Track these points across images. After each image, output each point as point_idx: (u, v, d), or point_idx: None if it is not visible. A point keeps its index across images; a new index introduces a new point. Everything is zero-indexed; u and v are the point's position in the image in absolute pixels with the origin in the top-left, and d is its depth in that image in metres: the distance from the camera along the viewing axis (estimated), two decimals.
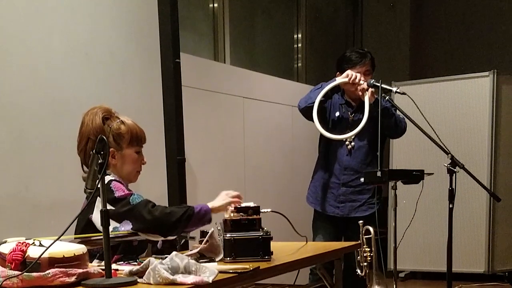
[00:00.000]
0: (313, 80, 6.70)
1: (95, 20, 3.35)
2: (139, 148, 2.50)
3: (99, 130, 2.37)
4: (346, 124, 3.91)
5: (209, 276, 1.73)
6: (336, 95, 3.97)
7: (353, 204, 3.95)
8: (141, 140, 2.50)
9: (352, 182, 3.94)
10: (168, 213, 2.30)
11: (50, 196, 2.97)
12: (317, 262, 2.68)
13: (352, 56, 3.91)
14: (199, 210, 2.34)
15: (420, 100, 4.13)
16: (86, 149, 2.41)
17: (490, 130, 5.74)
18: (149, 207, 2.30)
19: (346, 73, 3.79)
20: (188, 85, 4.15)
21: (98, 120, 2.40)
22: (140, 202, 2.30)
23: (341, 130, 3.86)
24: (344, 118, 3.94)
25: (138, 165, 2.51)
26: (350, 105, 3.96)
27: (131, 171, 2.49)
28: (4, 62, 2.85)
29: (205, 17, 5.43)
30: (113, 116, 2.46)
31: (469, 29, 7.59)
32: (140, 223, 2.27)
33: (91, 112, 2.44)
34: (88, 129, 2.40)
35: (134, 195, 2.33)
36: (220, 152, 4.75)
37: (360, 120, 3.70)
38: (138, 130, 2.48)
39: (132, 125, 2.46)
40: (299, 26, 6.89)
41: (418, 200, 3.79)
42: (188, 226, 2.34)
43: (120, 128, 2.43)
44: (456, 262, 3.83)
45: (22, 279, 1.66)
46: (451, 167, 3.42)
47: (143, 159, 2.52)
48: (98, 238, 2.13)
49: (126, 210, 2.27)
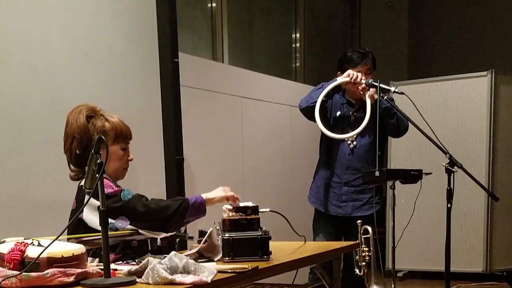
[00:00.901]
0: (311, 80, 6.71)
1: (95, 20, 3.36)
2: (125, 145, 2.50)
3: (84, 129, 2.39)
4: (348, 124, 3.91)
5: (208, 276, 1.73)
6: (337, 95, 3.97)
7: (355, 203, 3.95)
8: (126, 137, 2.50)
9: (354, 181, 3.94)
10: (164, 206, 2.32)
11: (49, 196, 2.97)
12: (316, 262, 2.69)
13: (353, 55, 3.91)
14: (194, 201, 2.36)
15: (418, 100, 4.14)
16: (71, 148, 2.43)
17: (488, 129, 5.74)
18: (143, 201, 2.32)
19: (347, 72, 3.80)
20: (186, 85, 4.15)
21: (82, 119, 2.41)
22: (133, 197, 2.32)
23: (342, 129, 3.87)
24: (345, 117, 3.94)
25: (124, 162, 2.51)
26: (351, 105, 3.96)
27: (117, 168, 2.49)
28: (4, 62, 2.85)
29: (203, 17, 5.43)
30: (98, 114, 2.46)
31: (468, 29, 7.60)
32: (136, 217, 2.28)
33: (75, 111, 2.44)
34: (72, 128, 2.41)
35: (125, 191, 2.34)
36: (218, 151, 4.75)
37: (362, 119, 3.71)
38: (123, 127, 2.48)
39: (117, 122, 2.46)
40: (297, 26, 6.90)
41: (416, 200, 3.79)
42: (185, 218, 2.35)
43: (104, 126, 2.42)
44: (454, 261, 3.83)
45: (20, 279, 1.66)
46: (449, 167, 3.42)
47: (129, 156, 2.52)
48: (97, 238, 2.13)
49: (119, 206, 2.28)
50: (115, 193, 2.31)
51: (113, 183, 2.42)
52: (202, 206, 2.38)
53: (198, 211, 2.38)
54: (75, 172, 2.48)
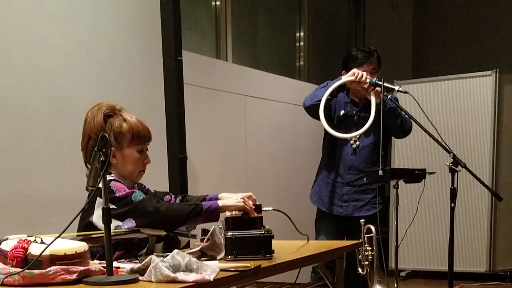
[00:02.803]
0: (315, 78, 6.69)
1: (97, 18, 3.35)
2: (142, 147, 2.42)
3: (100, 129, 2.31)
4: (351, 123, 3.90)
5: (210, 274, 1.73)
6: (341, 94, 3.96)
7: (356, 203, 3.94)
8: (144, 139, 2.41)
9: (356, 181, 3.93)
10: (176, 209, 2.29)
11: (51, 194, 2.97)
12: (318, 261, 2.69)
13: (358, 54, 3.90)
14: (207, 207, 2.31)
15: (422, 99, 4.13)
16: (87, 147, 2.36)
17: (492, 129, 5.73)
18: (154, 202, 2.28)
19: (352, 71, 3.79)
20: (190, 83, 4.15)
21: (99, 118, 2.35)
22: (144, 199, 2.28)
23: (346, 128, 3.86)
24: (349, 116, 3.93)
25: (140, 164, 2.42)
26: (355, 104, 3.95)
27: (133, 171, 2.41)
28: (5, 60, 2.85)
29: (207, 15, 5.43)
30: (117, 113, 2.39)
31: (472, 28, 7.58)
32: (144, 218, 2.23)
33: (95, 108, 2.38)
34: (89, 127, 2.35)
35: (136, 192, 2.29)
36: (221, 150, 4.74)
37: (366, 119, 3.70)
38: (141, 129, 2.39)
39: (134, 123, 2.38)
40: (301, 24, 6.88)
41: (420, 199, 3.79)
42: (195, 223, 2.34)
43: (121, 127, 2.35)
44: (457, 261, 3.82)
45: (23, 276, 1.66)
46: (453, 166, 3.42)
47: (146, 158, 2.44)
48: (100, 236, 2.12)
49: (129, 208, 2.24)
50: (126, 195, 2.26)
51: (128, 185, 2.37)
52: (215, 212, 2.32)
53: (210, 217, 2.32)
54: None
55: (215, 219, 2.34)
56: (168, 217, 2.26)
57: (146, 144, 2.45)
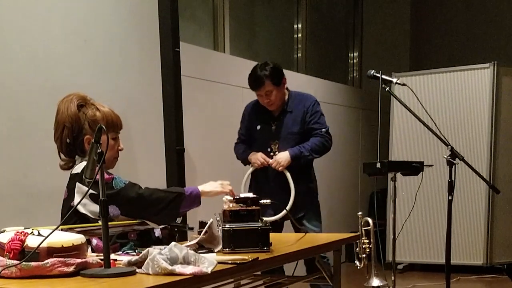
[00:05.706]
0: (312, 70, 6.69)
1: (95, 7, 3.34)
2: (115, 135, 2.48)
3: (75, 118, 2.37)
4: (269, 134, 3.95)
5: (208, 266, 1.73)
6: (254, 108, 4.01)
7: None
8: (116, 126, 2.48)
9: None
10: (158, 197, 2.32)
11: (49, 185, 2.95)
12: (315, 253, 2.68)
13: (249, 80, 3.90)
14: (189, 193, 2.37)
15: (420, 92, 4.12)
16: (62, 137, 2.41)
17: (490, 121, 5.73)
18: (136, 189, 2.31)
19: (252, 161, 3.92)
20: (187, 74, 4.14)
21: (73, 108, 2.39)
22: (125, 185, 2.30)
23: (264, 141, 3.94)
24: (266, 128, 3.97)
25: (115, 151, 2.49)
26: (271, 116, 3.96)
27: (108, 157, 2.43)
28: (4, 50, 2.84)
29: (205, 7, 5.41)
30: (88, 103, 2.44)
31: (470, 21, 7.57)
32: (128, 205, 2.27)
33: (66, 99, 2.42)
34: (63, 117, 2.39)
35: (116, 179, 2.32)
36: (219, 142, 4.74)
37: (282, 126, 3.86)
38: (114, 117, 2.46)
39: (107, 111, 2.44)
40: (299, 16, 6.87)
41: (418, 192, 3.79)
42: (179, 209, 2.35)
43: (95, 115, 2.40)
44: (454, 254, 3.83)
45: (20, 268, 1.66)
46: (450, 159, 3.41)
47: (119, 146, 2.51)
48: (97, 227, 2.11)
49: (110, 194, 2.24)
50: (106, 181, 2.27)
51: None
52: (197, 198, 2.40)
53: (193, 203, 2.39)
54: (65, 161, 2.46)
55: (197, 204, 2.41)
56: (152, 202, 2.30)
57: (119, 131, 2.51)
